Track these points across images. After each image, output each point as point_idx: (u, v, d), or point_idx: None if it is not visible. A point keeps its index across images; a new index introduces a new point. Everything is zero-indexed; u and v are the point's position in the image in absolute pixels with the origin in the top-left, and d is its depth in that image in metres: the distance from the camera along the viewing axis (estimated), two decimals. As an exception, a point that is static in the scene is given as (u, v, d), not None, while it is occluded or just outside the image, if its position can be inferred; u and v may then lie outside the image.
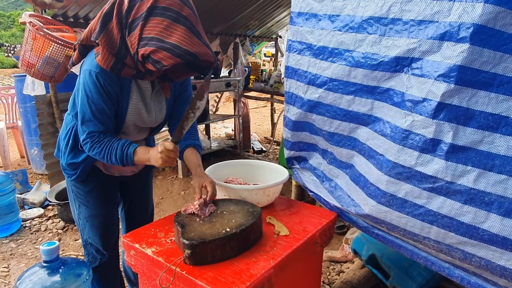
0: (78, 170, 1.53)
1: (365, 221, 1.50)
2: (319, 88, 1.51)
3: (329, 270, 2.46)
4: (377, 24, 1.25)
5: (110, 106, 1.37)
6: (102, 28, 1.26)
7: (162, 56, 1.19)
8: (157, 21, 1.20)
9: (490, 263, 1.08)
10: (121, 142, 1.38)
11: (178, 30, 1.20)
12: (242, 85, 4.84)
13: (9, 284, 2.35)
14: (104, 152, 1.38)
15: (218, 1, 3.97)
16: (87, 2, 3.01)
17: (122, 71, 1.32)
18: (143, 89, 1.46)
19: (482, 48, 0.99)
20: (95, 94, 1.33)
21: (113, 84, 1.35)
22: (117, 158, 1.37)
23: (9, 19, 37.39)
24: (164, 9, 1.20)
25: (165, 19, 1.20)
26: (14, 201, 3.02)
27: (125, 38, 1.27)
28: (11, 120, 4.70)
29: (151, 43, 1.20)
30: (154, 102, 1.51)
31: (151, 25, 1.21)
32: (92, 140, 1.38)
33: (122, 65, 1.31)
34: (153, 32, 1.20)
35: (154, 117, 1.53)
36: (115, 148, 1.37)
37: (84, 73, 1.34)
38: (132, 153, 1.37)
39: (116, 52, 1.28)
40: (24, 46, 2.50)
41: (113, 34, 1.27)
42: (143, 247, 1.29)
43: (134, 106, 1.45)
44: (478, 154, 1.05)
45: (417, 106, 1.13)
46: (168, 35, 1.19)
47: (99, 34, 1.26)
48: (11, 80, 14.12)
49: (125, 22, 1.25)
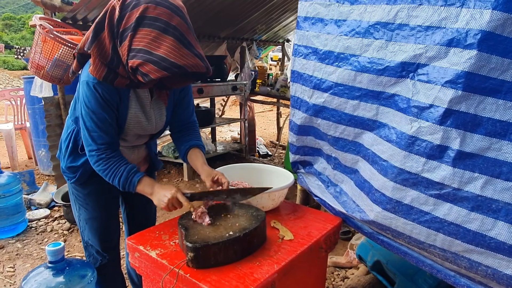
0: (77, 174, 1.54)
1: (370, 227, 1.49)
2: (324, 93, 1.51)
3: (334, 276, 2.44)
4: (383, 29, 1.25)
5: (111, 115, 1.37)
6: (94, 38, 1.25)
7: (149, 69, 1.17)
8: (145, 32, 1.18)
9: (497, 271, 1.07)
10: (128, 167, 1.37)
11: (166, 42, 1.17)
12: (249, 89, 4.85)
13: (14, 284, 2.37)
14: (108, 172, 1.37)
15: (225, 6, 3.99)
16: (96, 5, 3.04)
17: (115, 81, 1.30)
18: (141, 97, 1.45)
19: (490, 55, 0.98)
20: (95, 105, 1.32)
21: (111, 93, 1.34)
22: (120, 182, 1.37)
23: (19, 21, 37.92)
24: (153, 19, 1.17)
25: (154, 30, 1.17)
26: (21, 201, 3.05)
27: (117, 47, 1.25)
28: (19, 122, 4.76)
29: (139, 55, 1.18)
30: (154, 110, 1.50)
31: (140, 36, 1.18)
32: (98, 155, 1.37)
33: (114, 75, 1.29)
34: (141, 44, 1.18)
35: (154, 124, 1.53)
36: (120, 172, 1.36)
37: (83, 84, 1.34)
38: (136, 183, 1.37)
39: (108, 62, 1.26)
40: (34, 48, 2.53)
41: (105, 44, 1.25)
42: (148, 249, 1.29)
43: (134, 115, 1.44)
44: (485, 161, 1.04)
45: (424, 112, 1.12)
46: (156, 47, 1.17)
47: (91, 44, 1.25)
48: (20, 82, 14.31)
49: (117, 32, 1.23)
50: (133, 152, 1.62)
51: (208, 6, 3.74)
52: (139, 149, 1.65)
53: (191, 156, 1.57)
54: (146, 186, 1.38)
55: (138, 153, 1.65)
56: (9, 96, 4.81)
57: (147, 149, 1.71)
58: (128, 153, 1.60)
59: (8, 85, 14.65)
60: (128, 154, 1.59)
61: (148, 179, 1.40)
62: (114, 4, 1.24)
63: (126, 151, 1.58)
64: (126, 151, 1.58)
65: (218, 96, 5.30)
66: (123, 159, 1.40)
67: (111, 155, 1.37)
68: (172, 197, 1.32)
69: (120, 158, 1.39)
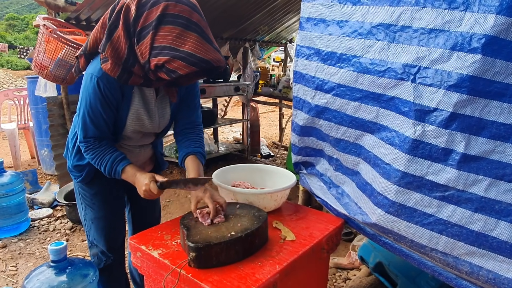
0: (83, 173, 1.54)
1: (372, 229, 1.48)
2: (326, 94, 1.51)
3: (336, 277, 2.44)
4: (386, 30, 1.25)
5: (108, 112, 1.37)
6: (108, 39, 1.25)
7: (177, 66, 1.18)
8: (168, 29, 1.18)
9: (498, 276, 1.07)
10: (113, 156, 1.39)
11: (191, 38, 1.18)
12: (252, 89, 4.86)
13: (17, 283, 2.38)
14: (96, 161, 1.41)
15: (228, 7, 3.99)
16: (99, 5, 3.05)
17: (129, 80, 1.31)
18: (146, 94, 1.45)
19: (494, 59, 0.99)
20: (93, 99, 1.34)
21: (113, 90, 1.34)
22: (106, 170, 1.40)
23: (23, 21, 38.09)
24: (175, 16, 1.18)
25: (177, 26, 1.18)
26: (23, 201, 3.06)
27: (133, 47, 1.25)
28: (23, 121, 4.78)
29: (165, 52, 1.18)
30: (157, 108, 1.51)
31: (163, 34, 1.19)
32: (86, 145, 1.40)
33: (129, 74, 1.30)
34: (165, 41, 1.18)
35: (157, 122, 1.53)
36: (106, 161, 1.39)
37: (86, 77, 1.35)
38: (120, 171, 1.39)
39: (123, 61, 1.26)
40: (38, 48, 2.55)
41: (120, 43, 1.25)
42: (150, 249, 1.30)
43: (135, 112, 1.44)
44: (489, 163, 1.04)
45: (428, 116, 1.12)
46: (181, 44, 1.18)
47: (105, 46, 1.26)
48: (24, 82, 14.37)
49: (133, 31, 1.23)
50: (140, 152, 1.63)
51: (211, 7, 3.75)
52: (146, 149, 1.66)
53: (187, 164, 1.53)
54: (129, 176, 1.40)
55: (144, 153, 1.66)
56: (12, 96, 4.83)
57: (153, 149, 1.72)
58: (135, 152, 1.60)
59: (12, 85, 14.72)
60: (135, 154, 1.60)
61: (131, 168, 1.40)
62: (128, 3, 1.23)
63: (133, 151, 1.59)
64: (133, 150, 1.59)
65: (220, 97, 5.31)
66: (110, 148, 1.42)
67: (98, 145, 1.40)
68: (146, 188, 1.33)
69: (107, 147, 1.41)
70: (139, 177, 1.37)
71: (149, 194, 1.35)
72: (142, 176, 1.36)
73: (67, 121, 3.26)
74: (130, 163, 1.41)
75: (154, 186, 1.33)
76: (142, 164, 1.67)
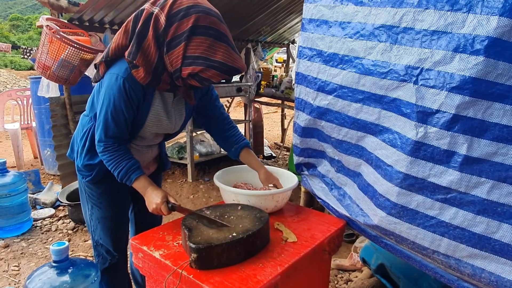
0: (93, 172, 1.55)
1: (374, 231, 1.48)
2: (328, 95, 1.50)
3: (337, 279, 2.43)
4: (388, 32, 1.25)
5: (130, 112, 1.40)
6: (138, 48, 1.29)
7: (211, 74, 1.27)
8: (200, 40, 1.25)
9: (500, 278, 1.06)
10: (129, 164, 1.43)
11: (221, 48, 1.27)
12: (254, 90, 4.86)
13: (19, 283, 2.39)
14: (112, 163, 1.44)
15: (231, 7, 4.00)
16: (102, 6, 3.06)
17: (158, 86, 1.38)
18: (165, 97, 1.49)
19: (496, 61, 0.98)
20: (118, 98, 1.36)
21: (137, 91, 1.38)
22: (119, 175, 1.43)
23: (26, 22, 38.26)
24: (206, 28, 1.25)
25: (208, 37, 1.25)
26: (26, 200, 3.07)
27: (162, 55, 1.30)
28: (25, 121, 4.80)
29: (198, 62, 1.26)
30: (174, 109, 1.54)
31: (195, 44, 1.26)
32: (105, 146, 1.43)
33: (158, 81, 1.36)
34: (198, 51, 1.26)
35: (174, 123, 1.56)
36: (122, 167, 1.42)
37: (111, 76, 1.37)
38: (133, 180, 1.44)
39: (153, 69, 1.32)
40: (41, 48, 2.56)
41: (150, 52, 1.30)
42: (151, 249, 1.30)
43: (155, 113, 1.47)
44: (492, 165, 1.04)
45: (430, 118, 1.12)
46: (213, 53, 1.26)
47: (135, 55, 1.29)
48: (27, 82, 14.43)
49: (163, 41, 1.28)
50: (148, 152, 1.64)
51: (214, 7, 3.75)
52: (153, 149, 1.68)
53: (245, 156, 1.71)
54: (141, 187, 1.45)
55: (151, 153, 1.68)
56: (15, 96, 4.85)
57: (159, 148, 1.74)
58: (143, 152, 1.62)
59: (15, 85, 14.78)
60: (143, 154, 1.62)
61: (144, 180, 1.45)
62: (157, 13, 1.28)
63: (141, 150, 1.60)
64: (142, 150, 1.61)
65: (222, 98, 5.31)
66: (128, 153, 1.45)
67: (117, 148, 1.43)
68: (157, 207, 1.40)
69: (125, 152, 1.44)
70: (151, 192, 1.43)
71: (157, 212, 1.41)
72: (154, 193, 1.42)
73: (70, 121, 3.27)
74: (143, 173, 1.46)
75: (165, 208, 1.40)
76: (147, 164, 1.68)
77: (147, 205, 1.44)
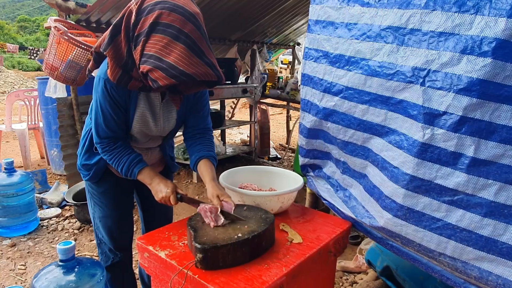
0: (91, 172, 1.58)
1: (380, 232, 1.48)
2: (334, 96, 1.50)
3: (342, 281, 2.42)
4: (395, 33, 1.24)
5: (118, 112, 1.40)
6: (111, 40, 1.27)
7: (157, 76, 1.17)
8: (157, 38, 1.18)
9: (508, 281, 1.05)
10: (131, 158, 1.43)
11: (177, 49, 1.16)
12: (260, 92, 4.86)
13: (25, 282, 2.41)
14: (113, 162, 1.45)
15: (237, 9, 4.01)
16: (109, 8, 3.08)
17: (129, 84, 1.32)
18: (152, 98, 1.47)
19: (504, 63, 0.98)
20: (102, 100, 1.38)
21: (120, 91, 1.37)
22: (122, 171, 1.44)
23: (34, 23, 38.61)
24: (166, 25, 1.17)
25: (166, 36, 1.17)
26: (33, 200, 3.10)
27: (131, 51, 1.26)
28: (33, 121, 4.83)
29: (150, 61, 1.18)
30: (163, 112, 1.51)
31: (152, 42, 1.19)
32: (102, 146, 1.45)
33: (128, 77, 1.31)
34: (153, 50, 1.18)
35: (162, 126, 1.53)
36: (123, 162, 1.44)
37: (96, 79, 1.40)
38: (136, 173, 1.44)
39: (123, 64, 1.29)
40: (49, 49, 2.58)
41: (121, 47, 1.27)
42: (157, 249, 1.30)
43: (141, 115, 1.46)
44: (499, 167, 1.03)
45: (437, 120, 1.12)
46: (167, 54, 1.16)
47: (107, 46, 1.28)
48: (34, 83, 14.55)
49: (132, 35, 1.24)
50: (146, 154, 1.63)
51: (219, 9, 3.76)
52: (153, 151, 1.67)
53: (200, 167, 1.54)
54: (146, 177, 1.45)
55: (152, 155, 1.67)
56: (23, 96, 4.89)
57: (161, 152, 1.72)
58: (143, 153, 1.61)
59: (23, 86, 14.93)
60: (143, 155, 1.60)
61: (149, 171, 1.45)
62: (131, 8, 1.26)
63: (141, 152, 1.59)
64: (141, 152, 1.60)
65: (228, 99, 5.32)
66: (127, 148, 1.46)
67: (113, 146, 1.45)
68: (166, 196, 1.40)
69: (123, 148, 1.45)
70: (160, 182, 1.43)
71: (165, 201, 1.41)
72: (163, 183, 1.42)
73: (77, 122, 3.30)
74: (146, 165, 1.46)
75: (174, 198, 1.40)
76: (150, 165, 1.68)
77: (154, 194, 1.43)
